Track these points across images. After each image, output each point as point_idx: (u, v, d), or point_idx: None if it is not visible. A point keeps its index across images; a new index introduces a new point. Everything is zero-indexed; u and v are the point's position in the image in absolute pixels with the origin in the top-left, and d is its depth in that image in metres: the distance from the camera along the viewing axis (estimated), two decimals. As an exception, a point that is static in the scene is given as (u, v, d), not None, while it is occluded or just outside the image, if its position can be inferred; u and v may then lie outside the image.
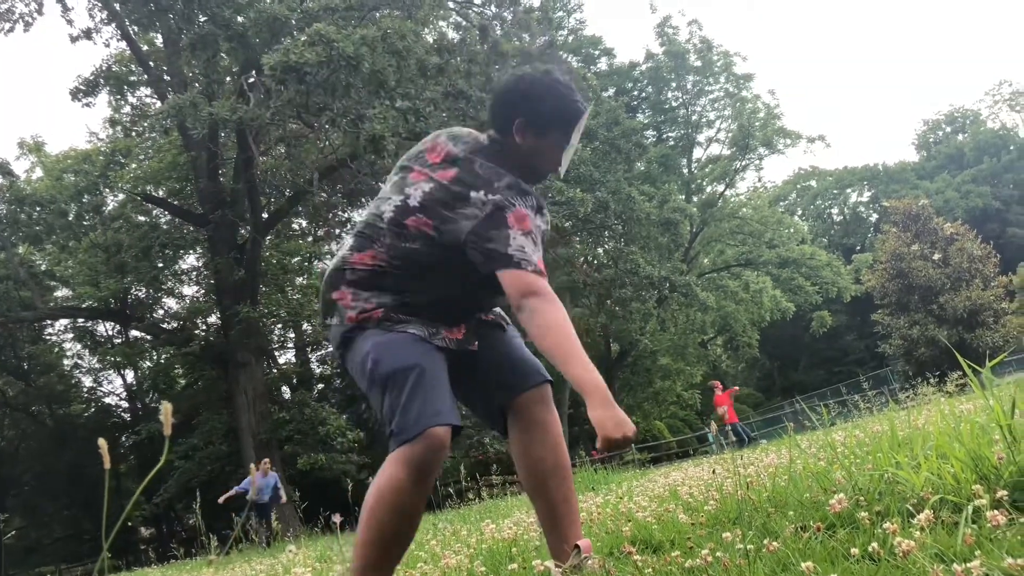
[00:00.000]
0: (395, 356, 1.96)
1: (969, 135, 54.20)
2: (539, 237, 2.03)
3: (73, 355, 33.03)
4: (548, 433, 2.16)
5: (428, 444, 1.86)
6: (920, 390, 9.31)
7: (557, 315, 1.94)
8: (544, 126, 2.09)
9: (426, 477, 1.90)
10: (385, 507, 1.89)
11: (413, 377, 1.91)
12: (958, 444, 2.16)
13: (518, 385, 2.18)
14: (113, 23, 20.48)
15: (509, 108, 2.11)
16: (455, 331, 2.13)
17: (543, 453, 2.15)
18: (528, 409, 2.18)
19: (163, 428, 1.27)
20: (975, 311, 21.72)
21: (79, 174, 21.89)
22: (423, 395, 1.90)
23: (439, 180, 2.04)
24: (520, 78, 2.15)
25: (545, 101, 2.09)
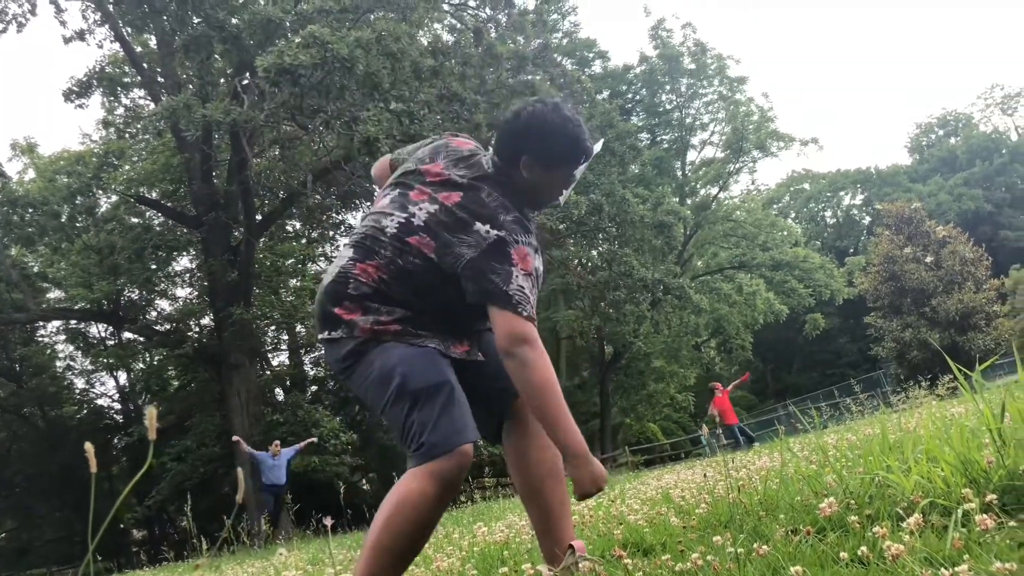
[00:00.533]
0: (425, 372, 1.97)
1: (962, 138, 54.43)
2: (537, 280, 2.03)
3: (65, 357, 32.90)
4: (544, 439, 2.16)
5: (459, 460, 1.90)
6: (912, 393, 9.33)
7: (546, 373, 1.95)
8: (552, 163, 2.11)
9: (452, 492, 1.93)
10: (407, 519, 1.89)
11: (445, 394, 1.95)
12: (948, 448, 2.16)
13: (513, 390, 2.15)
14: (106, 24, 20.41)
15: (517, 142, 2.10)
16: (462, 345, 2.15)
17: (539, 458, 2.17)
18: (524, 415, 2.18)
19: (148, 420, 1.27)
20: (967, 314, 21.82)
21: (72, 175, 21.82)
22: (454, 412, 1.93)
23: (443, 203, 2.05)
24: (531, 113, 2.11)
25: (555, 140, 2.10)
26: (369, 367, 2.02)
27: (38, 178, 25.18)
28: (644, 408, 33.78)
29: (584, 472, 1.94)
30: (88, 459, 1.31)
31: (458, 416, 1.93)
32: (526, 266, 1.98)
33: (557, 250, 22.60)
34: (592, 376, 36.78)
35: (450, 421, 1.91)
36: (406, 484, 1.91)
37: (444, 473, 1.88)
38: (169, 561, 12.12)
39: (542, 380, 1.93)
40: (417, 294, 2.04)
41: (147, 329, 26.26)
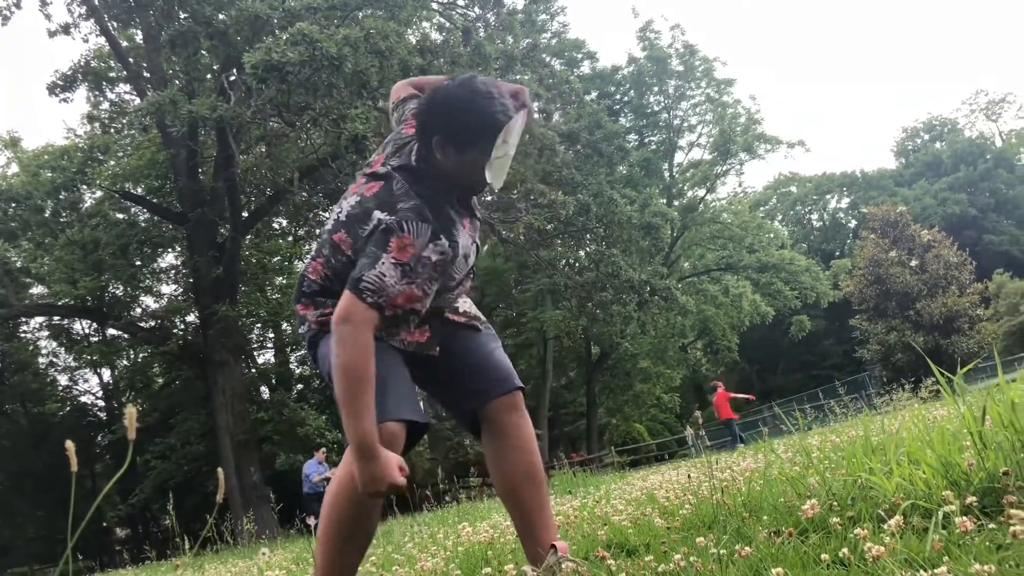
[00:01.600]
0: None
1: (947, 143, 54.86)
2: (415, 272, 1.93)
3: (48, 353, 32.70)
4: (520, 440, 2.16)
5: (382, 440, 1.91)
6: (895, 395, 9.40)
7: (350, 359, 1.85)
8: (462, 142, 1.95)
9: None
10: (343, 501, 1.94)
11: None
12: (930, 450, 2.18)
13: (488, 392, 2.17)
14: (92, 18, 20.27)
15: (428, 124, 2.00)
16: (416, 334, 2.12)
17: (515, 461, 2.15)
18: (499, 417, 2.17)
19: (127, 420, 1.26)
20: (951, 317, 22.01)
21: (56, 170, 21.66)
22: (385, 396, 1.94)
23: (363, 194, 2.02)
24: (436, 91, 2.02)
25: (460, 116, 1.94)
26: (321, 358, 2.07)
27: (22, 172, 24.98)
28: (630, 408, 33.87)
29: (363, 469, 1.83)
30: (69, 457, 1.30)
31: (381, 400, 1.91)
32: (401, 256, 1.89)
33: (544, 250, 22.61)
34: (579, 376, 36.83)
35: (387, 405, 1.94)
36: (339, 471, 1.97)
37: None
38: (152, 560, 12.03)
39: (344, 364, 1.84)
40: (430, 290, 2.02)
41: (131, 326, 26.10)
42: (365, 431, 1.82)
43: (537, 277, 26.13)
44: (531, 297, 30.75)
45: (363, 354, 1.87)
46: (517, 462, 2.15)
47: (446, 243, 1.98)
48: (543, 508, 2.17)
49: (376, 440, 1.83)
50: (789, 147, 35.36)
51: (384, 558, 3.80)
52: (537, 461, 2.18)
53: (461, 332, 2.24)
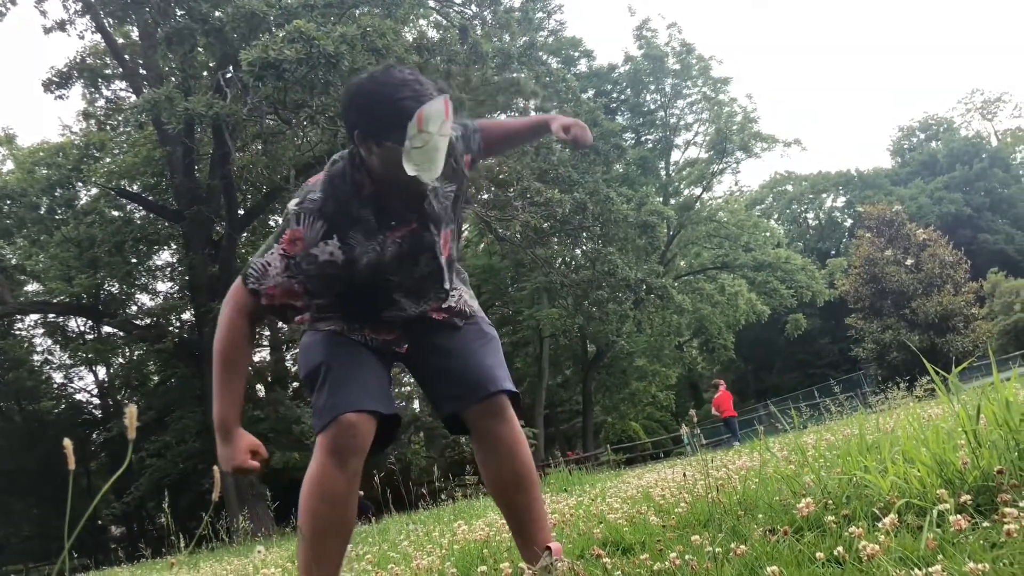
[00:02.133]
0: (308, 358, 2.07)
1: (942, 142, 54.95)
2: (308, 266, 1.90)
3: (44, 351, 32.61)
4: (504, 446, 2.12)
5: (339, 430, 1.93)
6: (891, 394, 9.42)
7: (219, 342, 1.94)
8: (377, 134, 1.84)
9: (345, 461, 1.95)
10: (314, 495, 1.96)
11: (322, 374, 2.00)
12: (924, 449, 2.19)
13: (464, 397, 2.12)
14: (88, 15, 20.20)
15: (346, 120, 1.93)
16: (383, 332, 2.13)
17: (501, 466, 2.13)
18: (479, 424, 2.13)
19: (127, 418, 1.26)
20: (946, 316, 22.06)
21: (52, 167, 21.60)
22: (331, 388, 1.98)
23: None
24: (349, 85, 1.96)
25: (371, 107, 1.85)
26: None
27: (17, 169, 24.90)
28: (626, 407, 33.90)
29: (219, 449, 1.96)
30: (67, 455, 1.30)
31: (337, 391, 1.96)
32: (290, 248, 1.88)
33: (541, 248, 22.61)
34: (575, 375, 36.84)
35: (327, 396, 1.97)
36: (311, 462, 1.99)
37: (329, 444, 1.94)
38: (147, 558, 12.03)
39: (215, 345, 1.94)
40: (315, 288, 1.99)
41: (127, 323, 26.05)
42: (220, 413, 1.94)
43: (533, 275, 26.12)
44: (527, 295, 30.74)
45: (230, 337, 1.93)
46: (502, 469, 2.13)
47: (336, 246, 1.90)
48: (533, 510, 2.15)
49: (232, 423, 1.93)
50: (785, 146, 35.38)
51: (380, 556, 3.80)
52: (524, 466, 2.14)
53: (441, 331, 2.18)
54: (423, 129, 1.81)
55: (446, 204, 2.06)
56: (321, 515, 1.95)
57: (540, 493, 2.20)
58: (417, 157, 1.83)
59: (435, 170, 1.87)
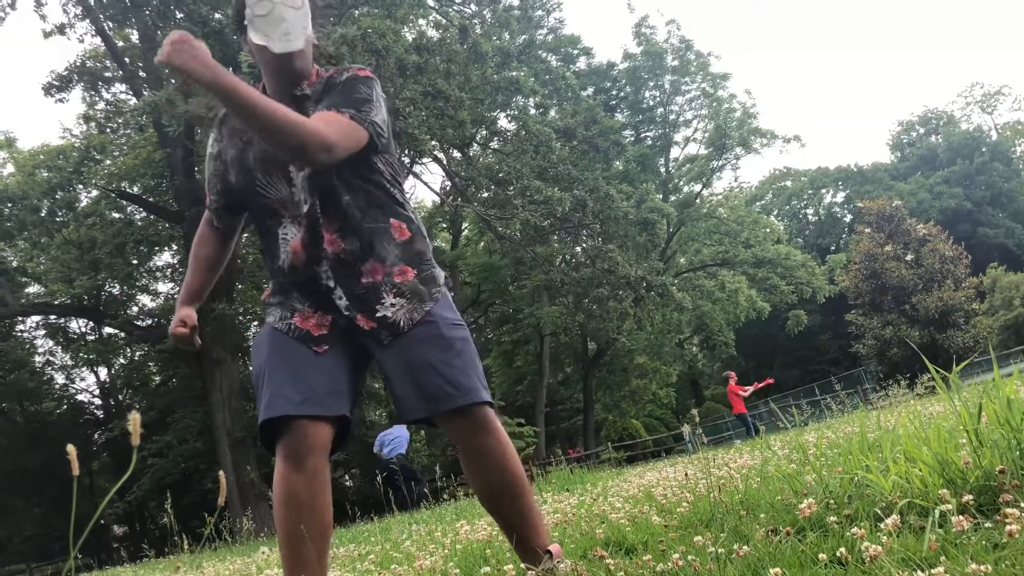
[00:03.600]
0: (254, 359, 2.09)
1: (942, 136, 54.85)
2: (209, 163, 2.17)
3: (45, 352, 32.66)
4: (485, 457, 2.05)
5: (285, 432, 1.92)
6: (891, 391, 9.43)
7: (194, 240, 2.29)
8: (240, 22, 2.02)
9: (301, 462, 1.91)
10: (279, 499, 1.94)
11: (262, 379, 2.00)
12: (926, 448, 2.19)
13: (421, 409, 2.01)
14: (88, 19, 20.22)
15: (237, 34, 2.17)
16: (309, 317, 2.03)
17: (486, 478, 2.07)
18: (461, 437, 2.06)
19: (132, 425, 1.27)
20: (946, 312, 22.05)
21: (52, 170, 21.63)
22: (268, 389, 1.96)
23: None
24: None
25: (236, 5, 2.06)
26: None
27: (17, 172, 24.93)
28: (627, 404, 33.90)
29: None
30: (70, 461, 1.31)
31: (267, 395, 1.95)
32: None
33: (541, 246, 22.61)
34: (575, 372, 36.86)
35: (264, 403, 1.95)
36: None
37: (282, 448, 1.93)
38: (150, 558, 12.03)
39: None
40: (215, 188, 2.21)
41: (128, 324, 26.10)
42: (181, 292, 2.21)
43: (533, 273, 26.11)
44: (528, 293, 30.74)
45: (196, 235, 2.27)
46: (489, 480, 2.07)
47: (214, 138, 2.14)
48: (526, 516, 2.10)
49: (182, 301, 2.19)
50: (785, 142, 35.42)
51: (382, 556, 3.81)
52: (512, 475, 2.07)
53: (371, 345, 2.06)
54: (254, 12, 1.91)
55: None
56: (284, 518, 1.91)
57: (532, 499, 2.14)
58: (262, 24, 1.90)
59: (285, 39, 1.91)
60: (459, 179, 24.61)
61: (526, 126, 20.78)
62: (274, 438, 1.94)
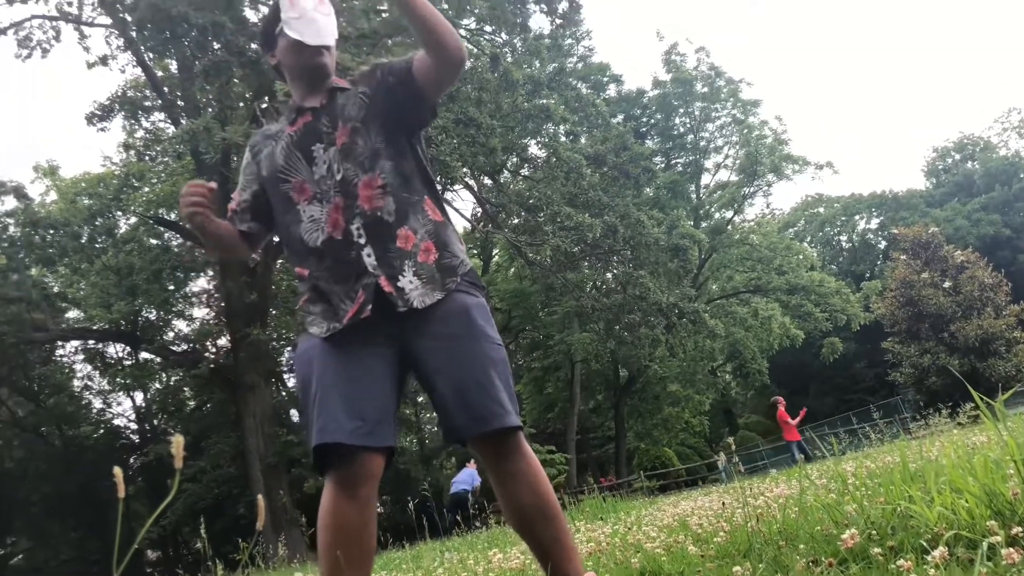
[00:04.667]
0: (299, 371, 2.05)
1: (979, 162, 54.06)
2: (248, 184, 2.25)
3: (83, 377, 33.17)
4: (522, 481, 2.03)
5: (334, 461, 1.91)
6: (932, 420, 9.23)
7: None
8: (270, 36, 2.25)
9: (354, 491, 1.91)
10: (327, 528, 1.92)
11: (313, 399, 1.96)
12: (972, 478, 2.14)
13: (459, 431, 2.00)
14: (129, 50, 20.76)
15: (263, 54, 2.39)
16: (355, 298, 2.01)
17: (519, 503, 2.04)
18: (492, 461, 2.05)
19: (173, 454, 1.28)
20: (987, 340, 21.57)
21: (93, 197, 22.13)
22: (318, 414, 1.93)
23: None
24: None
25: (261, 26, 2.33)
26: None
27: (60, 200, 25.56)
28: (659, 432, 33.58)
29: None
30: (115, 478, 1.32)
31: (321, 420, 1.91)
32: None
33: (571, 273, 22.60)
34: (607, 400, 36.62)
35: (318, 427, 1.91)
36: (322, 495, 1.97)
37: (334, 476, 1.93)
38: (184, 583, 12.09)
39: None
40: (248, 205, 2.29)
41: (164, 349, 26.48)
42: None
43: (564, 300, 26.10)
44: (558, 320, 30.70)
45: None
46: (523, 505, 2.04)
47: (249, 156, 2.25)
48: (560, 542, 2.05)
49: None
50: (817, 168, 35.15)
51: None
52: (545, 496, 2.05)
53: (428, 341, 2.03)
54: (295, 5, 2.13)
55: (357, 102, 2.14)
56: (330, 546, 1.91)
57: (566, 524, 2.11)
58: (300, 27, 2.13)
59: (318, 34, 2.15)
60: (490, 206, 24.76)
61: (556, 153, 20.89)
62: (325, 461, 1.93)
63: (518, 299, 32.79)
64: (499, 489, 2.07)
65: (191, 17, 15.66)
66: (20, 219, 20.50)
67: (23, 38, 20.31)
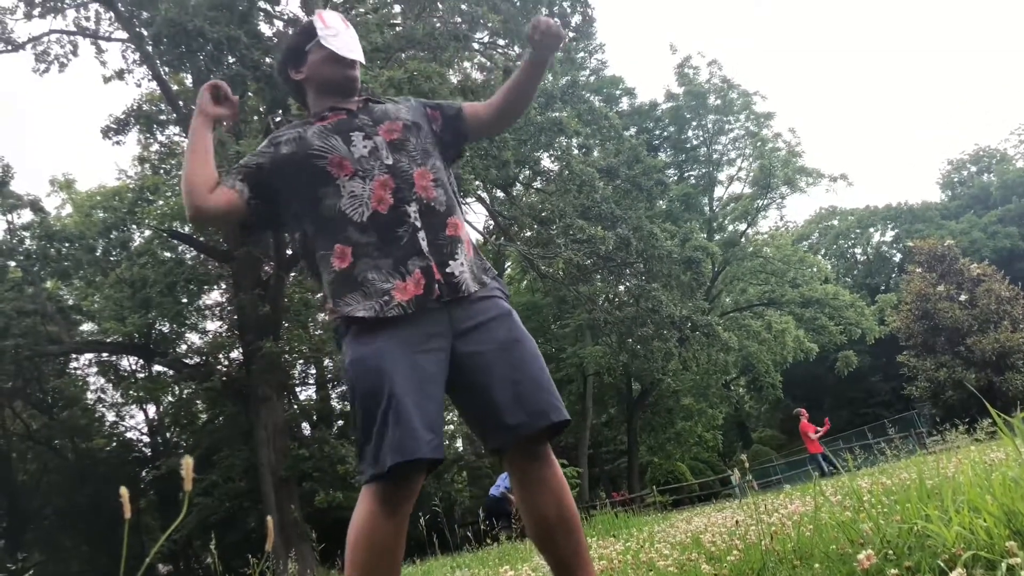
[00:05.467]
0: (368, 380, 1.91)
1: (995, 175, 53.70)
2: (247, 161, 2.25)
3: (96, 389, 33.32)
4: (549, 489, 2.03)
5: (396, 480, 1.87)
6: (949, 436, 9.12)
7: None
8: (298, 52, 2.31)
9: (395, 510, 1.89)
10: (362, 546, 1.88)
11: (383, 406, 1.88)
12: (990, 497, 2.10)
13: (516, 429, 1.98)
14: (145, 64, 20.96)
15: (281, 76, 2.41)
16: (408, 280, 1.99)
17: (546, 510, 2.02)
18: (525, 466, 2.04)
19: (184, 470, 1.26)
20: (1004, 353, 21.35)
21: (108, 210, 22.31)
22: (391, 426, 1.85)
23: None
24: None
25: (286, 45, 2.38)
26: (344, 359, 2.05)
27: (75, 213, 25.77)
28: (672, 447, 33.39)
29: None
30: (122, 493, 1.30)
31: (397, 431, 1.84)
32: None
33: (584, 285, 22.56)
34: (619, 413, 36.47)
35: (385, 438, 1.85)
36: (357, 508, 1.92)
37: (381, 493, 1.88)
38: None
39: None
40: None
41: (177, 362, 26.56)
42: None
43: (576, 312, 26.05)
44: (571, 333, 30.64)
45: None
46: (548, 512, 2.02)
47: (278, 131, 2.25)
48: (580, 554, 2.04)
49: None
50: (831, 180, 35.05)
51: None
52: (570, 509, 2.04)
53: (474, 332, 2.04)
54: (329, 25, 2.26)
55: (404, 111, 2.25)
56: (367, 564, 1.88)
57: (585, 539, 2.10)
58: (337, 43, 2.24)
59: (352, 50, 2.27)
60: (502, 218, 24.79)
61: (569, 166, 20.90)
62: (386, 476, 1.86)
63: (530, 312, 32.77)
64: (525, 496, 2.05)
65: (207, 31, 15.80)
66: (36, 232, 20.69)
67: (41, 52, 20.57)
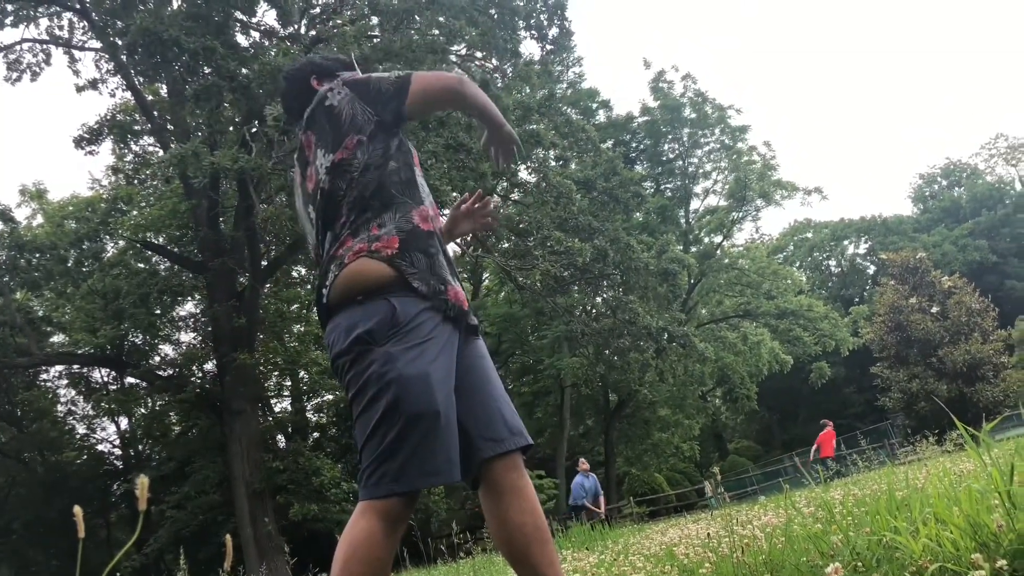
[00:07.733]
0: (420, 397, 1.85)
1: (966, 188, 54.62)
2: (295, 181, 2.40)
3: (67, 402, 32.80)
4: (525, 499, 2.03)
5: (406, 500, 1.86)
6: (919, 447, 9.22)
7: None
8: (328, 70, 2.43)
9: (396, 529, 1.88)
10: (359, 559, 1.83)
11: (427, 425, 1.84)
12: (957, 509, 2.11)
13: (494, 447, 2.01)
14: (119, 74, 20.77)
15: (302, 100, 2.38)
16: (457, 286, 2.07)
17: (523, 519, 2.01)
18: (501, 477, 2.04)
19: (139, 489, 1.23)
20: (975, 365, 21.68)
21: (80, 221, 22.02)
22: (431, 448, 1.84)
23: None
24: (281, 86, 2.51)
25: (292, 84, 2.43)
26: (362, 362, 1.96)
27: (46, 223, 25.42)
28: (649, 458, 33.47)
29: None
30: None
31: (435, 455, 1.84)
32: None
33: (561, 297, 22.59)
34: (597, 425, 36.51)
35: (423, 459, 1.83)
36: (355, 523, 1.86)
37: (385, 511, 1.85)
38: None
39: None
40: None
41: (149, 374, 26.21)
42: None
43: (554, 324, 26.06)
44: (548, 344, 30.66)
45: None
46: (525, 521, 2.02)
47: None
48: (555, 565, 2.03)
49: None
50: (806, 194, 35.43)
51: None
52: (542, 517, 2.06)
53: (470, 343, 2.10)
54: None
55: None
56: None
57: (555, 549, 2.09)
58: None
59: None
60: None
61: (546, 178, 20.96)
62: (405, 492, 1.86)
63: (508, 323, 32.75)
64: (498, 507, 2.03)
65: (182, 41, 15.66)
66: (5, 242, 20.37)
67: (13, 61, 20.32)
